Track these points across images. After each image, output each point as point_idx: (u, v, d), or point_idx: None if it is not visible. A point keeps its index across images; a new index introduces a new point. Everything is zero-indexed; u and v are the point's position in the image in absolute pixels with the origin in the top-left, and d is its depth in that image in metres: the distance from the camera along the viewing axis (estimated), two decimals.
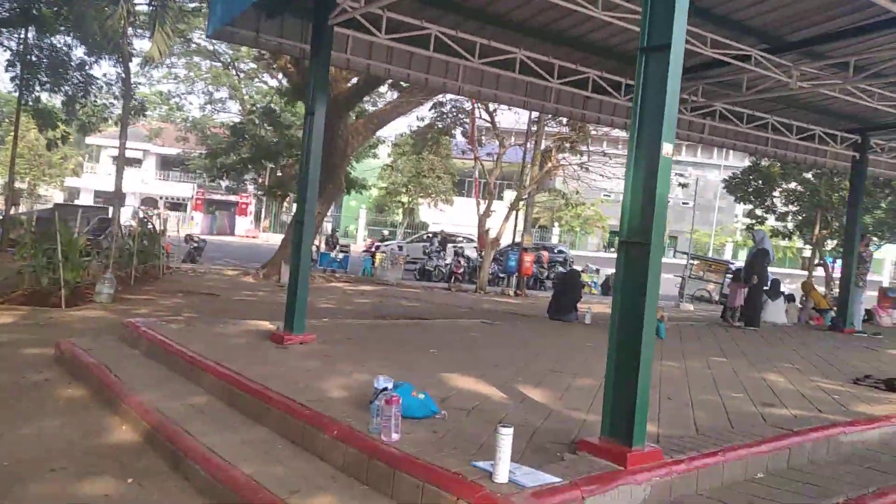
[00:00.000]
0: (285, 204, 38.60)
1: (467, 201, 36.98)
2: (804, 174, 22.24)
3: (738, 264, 25.12)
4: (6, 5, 20.44)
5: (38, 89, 22.66)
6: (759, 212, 24.68)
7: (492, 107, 21.98)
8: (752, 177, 23.71)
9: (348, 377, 5.83)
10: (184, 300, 12.51)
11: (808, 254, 28.28)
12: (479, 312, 14.06)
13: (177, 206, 50.64)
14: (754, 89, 10.72)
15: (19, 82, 21.68)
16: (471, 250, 26.07)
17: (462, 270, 22.68)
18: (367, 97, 22.10)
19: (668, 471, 4.02)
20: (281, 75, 21.97)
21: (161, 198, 51.03)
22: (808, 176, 22.27)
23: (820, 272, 24.29)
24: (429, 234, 31.26)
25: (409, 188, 41.90)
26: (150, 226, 17.81)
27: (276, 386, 5.31)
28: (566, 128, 22.47)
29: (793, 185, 23.36)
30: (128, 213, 28.67)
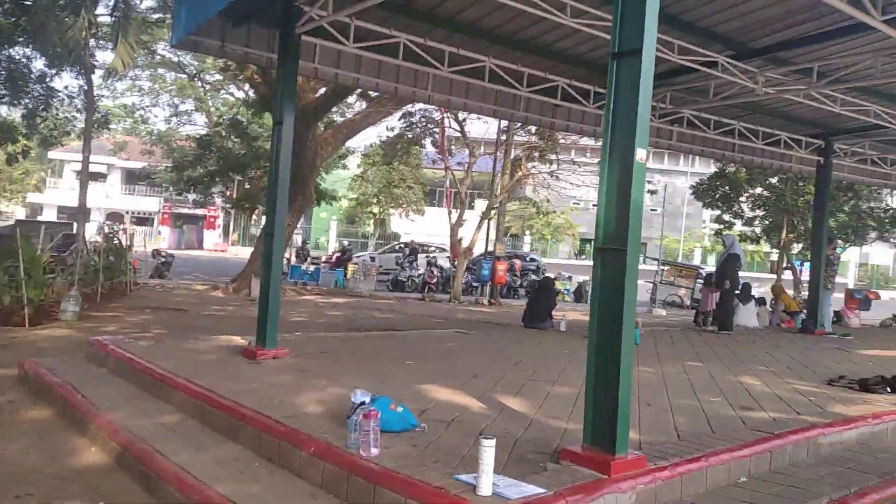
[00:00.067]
0: (254, 217, 38.18)
1: (439, 211, 36.92)
2: (770, 179, 22.61)
3: (708, 269, 25.43)
4: None
5: None
6: (726, 217, 25.05)
7: (461, 116, 22.02)
8: (720, 183, 24.07)
9: (324, 391, 5.71)
10: (152, 316, 12.24)
11: (775, 258, 28.74)
12: (454, 322, 13.98)
13: (143, 220, 49.82)
14: (721, 95, 10.86)
15: None
16: (444, 260, 26.02)
17: (435, 280, 22.64)
18: (335, 107, 21.97)
19: (652, 478, 3.97)
20: (248, 86, 21.76)
21: (127, 212, 50.16)
22: (774, 181, 22.64)
23: (788, 275, 24.67)
24: (401, 245, 31.14)
25: (379, 199, 41.73)
26: (116, 241, 17.46)
27: (249, 402, 5.17)
28: (535, 137, 22.60)
29: (759, 190, 23.75)
30: (93, 228, 28.05)
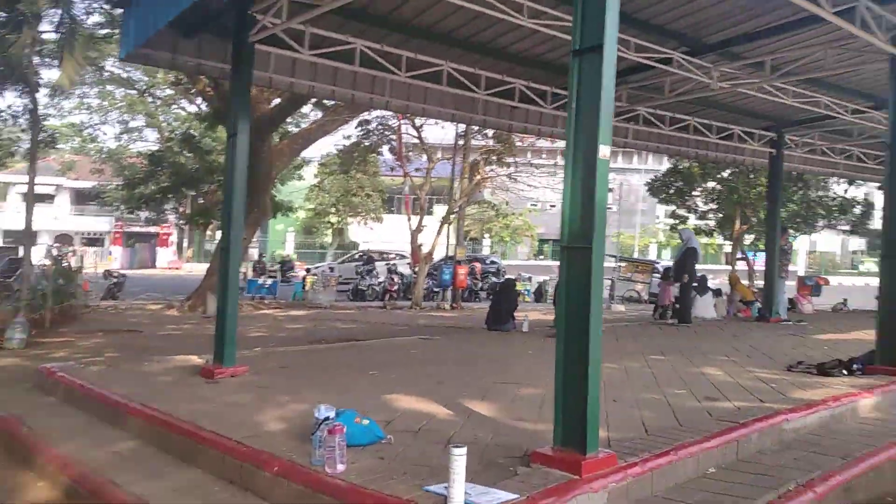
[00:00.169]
0: (208, 232, 37.45)
1: (398, 218, 36.76)
2: (722, 173, 23.06)
3: (663, 263, 25.85)
4: None
5: None
6: (681, 212, 25.46)
7: (418, 122, 21.97)
8: (674, 178, 24.47)
9: (286, 408, 5.55)
10: (105, 340, 11.83)
11: (728, 249, 29.32)
12: (417, 328, 13.89)
13: (94, 241, 48.49)
14: (676, 92, 11.02)
15: None
16: (404, 267, 25.90)
17: (396, 288, 22.53)
18: (290, 118, 21.69)
19: (623, 475, 3.95)
20: (200, 99, 21.34)
21: (77, 234, 48.79)
22: (726, 174, 23.09)
23: (742, 266, 25.18)
24: (361, 254, 30.90)
25: (337, 208, 41.37)
26: (65, 264, 16.90)
27: (208, 424, 5.00)
28: (493, 140, 22.69)
29: (712, 184, 24.19)
30: (40, 251, 27.19)
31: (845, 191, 24.93)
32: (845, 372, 7.26)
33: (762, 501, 3.97)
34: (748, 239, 25.07)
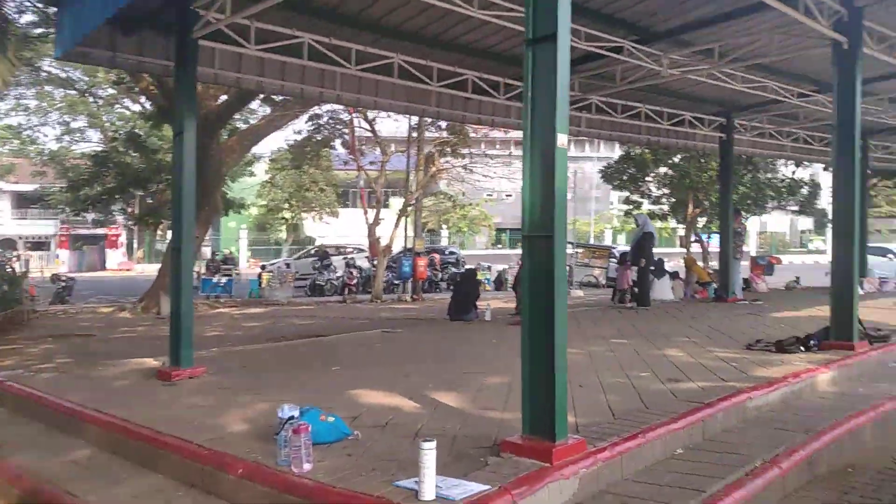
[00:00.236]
0: (159, 232, 36.56)
1: (354, 212, 36.47)
2: (674, 158, 23.42)
3: (620, 248, 26.19)
4: None
5: None
6: (635, 197, 25.80)
7: (371, 115, 21.77)
8: (626, 165, 24.78)
9: (248, 408, 5.41)
10: (55, 345, 11.45)
11: (682, 233, 29.85)
12: (379, 322, 13.78)
13: (39, 245, 46.96)
14: (628, 80, 11.11)
15: None
16: (362, 260, 25.72)
17: (355, 281, 22.38)
18: (239, 114, 21.31)
19: (593, 460, 3.95)
20: (144, 98, 20.78)
21: (20, 238, 47.16)
22: (677, 160, 23.46)
23: (696, 248, 25.67)
24: (316, 249, 30.55)
25: (291, 203, 40.85)
26: (9, 269, 16.32)
27: (168, 428, 4.84)
28: (447, 132, 22.64)
29: (664, 169, 24.56)
30: None
31: (793, 172, 25.61)
32: (802, 348, 7.43)
33: (730, 479, 4.01)
34: (701, 222, 25.54)
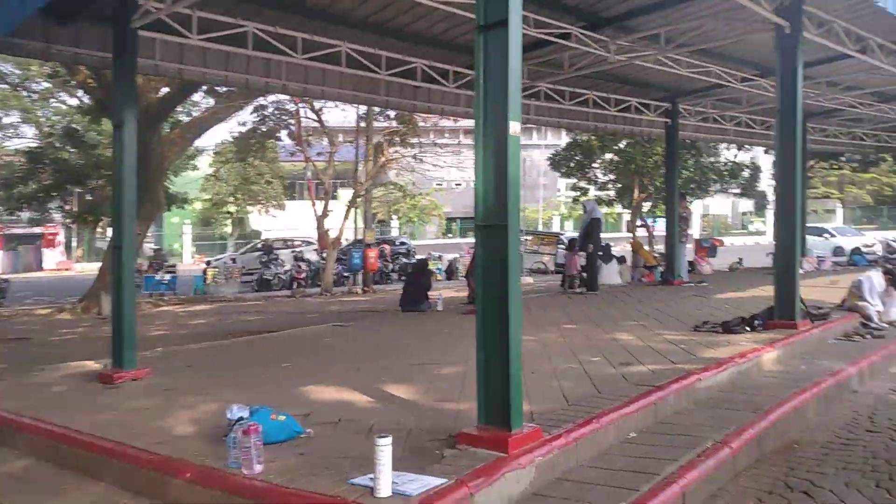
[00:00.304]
0: (99, 229, 35.44)
1: (302, 204, 35.98)
2: (619, 144, 23.74)
3: (568, 235, 26.48)
4: None
5: None
6: (582, 184, 26.11)
7: (318, 105, 21.45)
8: (573, 152, 25.05)
9: (195, 410, 5.23)
10: None
11: (628, 217, 30.36)
12: (329, 315, 13.62)
13: None
14: (576, 67, 11.17)
15: None
16: (311, 253, 25.39)
17: (304, 275, 22.09)
18: (181, 106, 20.74)
19: (549, 448, 3.94)
20: (81, 92, 20.04)
21: None
22: (623, 146, 23.79)
23: (642, 232, 26.13)
24: (262, 243, 30.03)
25: (236, 197, 40.03)
26: None
27: (111, 433, 4.66)
28: (395, 122, 22.47)
29: (610, 156, 24.89)
30: None
31: (735, 156, 26.29)
32: (748, 328, 7.61)
33: (683, 461, 4.05)
34: (646, 206, 26.00)
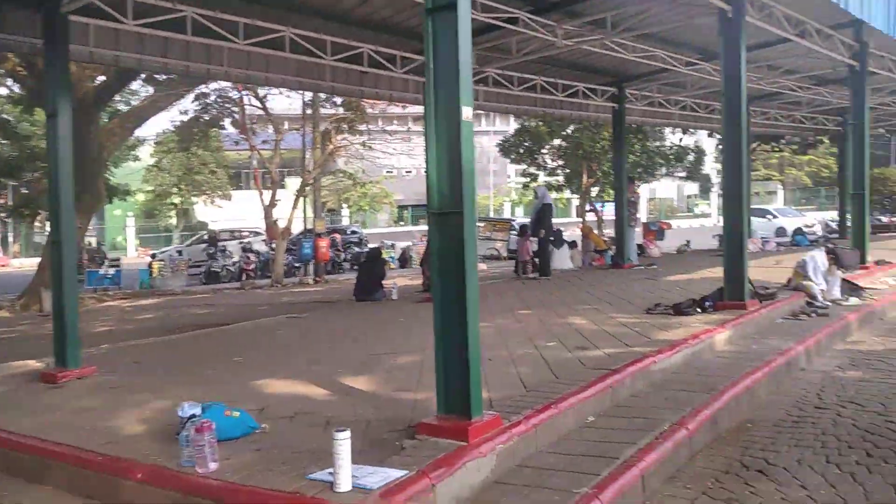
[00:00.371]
0: (37, 223, 34.16)
1: (249, 193, 35.27)
2: (567, 130, 23.92)
3: (519, 221, 26.65)
4: None
5: None
6: (531, 170, 26.24)
7: (262, 92, 20.99)
8: (522, 138, 25.12)
9: (145, 408, 5.06)
10: None
11: (578, 202, 30.72)
12: (281, 307, 13.41)
13: None
14: (524, 52, 11.16)
15: None
16: (259, 244, 24.96)
17: (253, 266, 21.74)
18: (118, 95, 20.08)
19: (509, 435, 3.94)
20: (11, 80, 19.18)
21: None
22: (570, 131, 23.98)
23: (592, 217, 26.47)
24: (206, 234, 29.38)
25: (180, 188, 39.01)
26: None
27: (56, 435, 4.48)
28: (343, 108, 22.16)
29: (558, 141, 25.06)
30: None
31: (680, 140, 26.79)
32: (699, 310, 7.76)
33: (641, 444, 4.10)
34: (595, 191, 26.30)
